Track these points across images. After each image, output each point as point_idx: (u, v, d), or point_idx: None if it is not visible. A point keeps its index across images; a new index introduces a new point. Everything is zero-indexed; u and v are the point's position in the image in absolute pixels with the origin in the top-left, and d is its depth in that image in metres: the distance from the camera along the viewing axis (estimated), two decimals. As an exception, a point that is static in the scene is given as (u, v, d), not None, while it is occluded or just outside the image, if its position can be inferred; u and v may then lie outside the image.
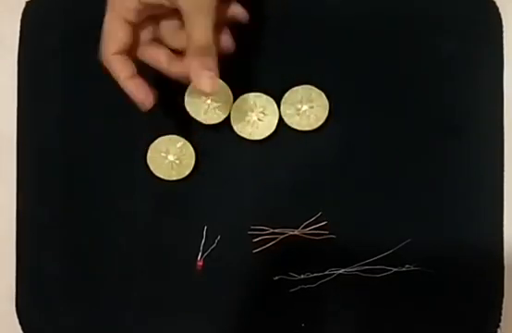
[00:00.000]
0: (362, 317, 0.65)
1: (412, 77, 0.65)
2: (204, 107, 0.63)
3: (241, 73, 0.65)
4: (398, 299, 0.65)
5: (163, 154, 0.65)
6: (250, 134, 0.64)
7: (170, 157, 0.65)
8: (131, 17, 0.56)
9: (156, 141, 0.65)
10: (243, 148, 0.65)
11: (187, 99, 0.64)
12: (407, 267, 0.64)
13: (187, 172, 0.65)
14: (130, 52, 0.58)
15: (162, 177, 0.65)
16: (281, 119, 0.64)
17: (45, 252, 0.67)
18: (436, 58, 0.65)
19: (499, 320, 0.65)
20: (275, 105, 0.64)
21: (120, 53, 0.57)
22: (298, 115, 0.64)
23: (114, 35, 0.57)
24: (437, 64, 0.65)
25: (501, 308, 0.65)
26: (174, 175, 0.65)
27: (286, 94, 0.64)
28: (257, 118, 0.64)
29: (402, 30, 0.65)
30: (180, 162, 0.65)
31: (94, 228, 0.66)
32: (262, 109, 0.64)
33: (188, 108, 0.64)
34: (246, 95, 0.64)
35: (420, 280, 0.64)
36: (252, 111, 0.64)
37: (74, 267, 0.66)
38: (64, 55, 0.67)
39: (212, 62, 0.56)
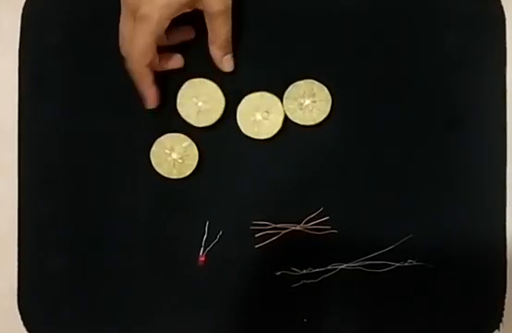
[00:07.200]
0: (364, 312, 0.65)
1: (414, 72, 0.65)
2: (196, 110, 0.64)
3: (244, 70, 0.65)
4: (401, 294, 0.65)
5: (167, 151, 0.65)
6: (256, 133, 0.64)
7: (173, 155, 0.65)
8: (162, 31, 0.60)
9: (163, 137, 0.65)
10: (246, 144, 0.65)
11: (179, 101, 0.64)
12: (409, 262, 0.64)
13: (187, 172, 0.65)
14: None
15: (162, 173, 0.65)
16: (284, 115, 0.64)
17: (47, 250, 0.67)
18: (438, 54, 0.65)
19: (501, 315, 0.65)
20: (280, 104, 0.64)
21: (150, 64, 0.61)
22: (301, 109, 0.64)
23: (150, 49, 0.60)
24: (439, 59, 0.65)
25: (503, 304, 0.65)
26: (174, 173, 0.65)
27: (289, 89, 0.64)
28: (262, 118, 0.64)
29: (404, 25, 0.65)
30: (183, 161, 0.65)
31: (96, 224, 0.66)
32: (266, 108, 0.64)
33: (179, 110, 0.64)
34: (251, 95, 0.64)
35: (423, 275, 0.64)
36: (257, 110, 0.64)
37: (76, 264, 0.66)
38: (64, 51, 0.67)
39: (230, 48, 0.64)
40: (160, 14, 0.58)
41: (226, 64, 0.64)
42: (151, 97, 0.63)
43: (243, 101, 0.64)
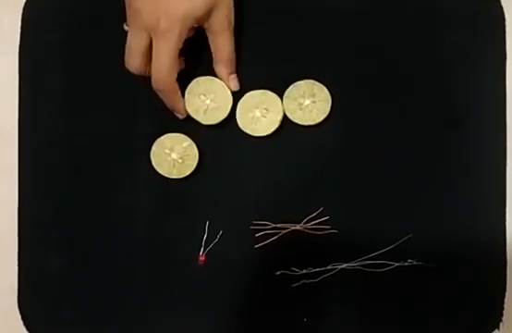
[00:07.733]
0: (364, 312, 0.65)
1: (414, 72, 0.65)
2: (203, 107, 0.64)
3: (244, 70, 0.65)
4: (401, 294, 0.65)
5: (166, 151, 0.65)
6: (253, 130, 0.65)
7: (173, 155, 0.65)
8: (182, 44, 0.60)
9: (163, 137, 0.65)
10: (246, 144, 0.65)
11: (187, 97, 0.64)
12: (409, 262, 0.64)
13: (187, 172, 0.65)
14: None
15: (162, 173, 0.65)
16: (284, 114, 0.64)
17: (47, 250, 0.67)
18: (438, 54, 0.65)
19: (501, 315, 0.65)
20: (280, 103, 0.64)
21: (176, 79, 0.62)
22: (301, 109, 0.64)
23: (175, 65, 0.60)
24: (439, 59, 0.65)
25: (503, 304, 0.65)
26: (174, 173, 0.65)
27: (289, 89, 0.64)
28: (260, 115, 0.64)
29: (404, 25, 0.65)
30: (183, 161, 0.65)
31: (96, 224, 0.66)
32: (266, 106, 0.64)
33: (187, 107, 0.64)
34: (253, 92, 0.65)
35: (423, 275, 0.65)
36: (257, 107, 0.64)
37: (75, 264, 0.66)
38: (64, 51, 0.67)
39: (234, 67, 0.64)
40: (180, 27, 0.58)
41: (232, 84, 0.64)
42: (182, 109, 0.64)
43: (244, 97, 0.64)
